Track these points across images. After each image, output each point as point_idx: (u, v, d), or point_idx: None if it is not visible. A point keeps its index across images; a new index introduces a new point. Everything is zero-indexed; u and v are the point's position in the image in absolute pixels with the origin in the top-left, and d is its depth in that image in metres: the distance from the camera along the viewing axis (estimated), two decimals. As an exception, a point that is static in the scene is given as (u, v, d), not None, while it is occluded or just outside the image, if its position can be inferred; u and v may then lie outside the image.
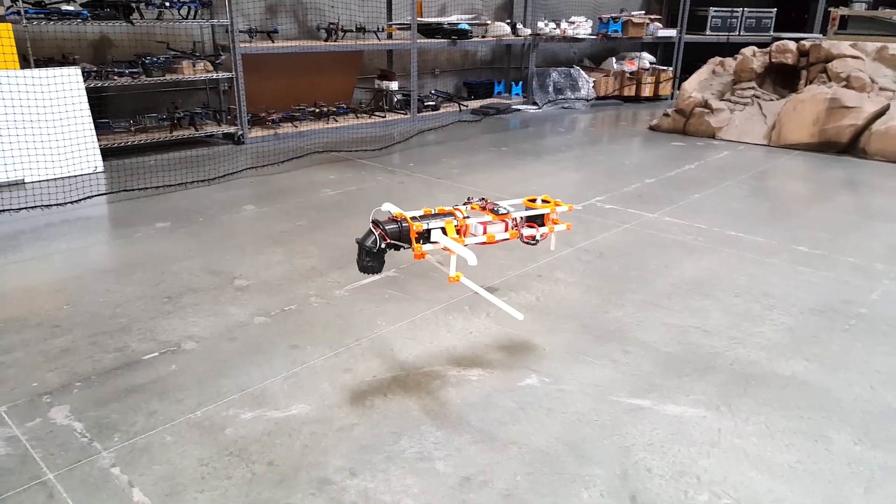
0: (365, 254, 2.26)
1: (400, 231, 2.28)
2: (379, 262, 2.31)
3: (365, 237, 2.27)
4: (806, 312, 3.00)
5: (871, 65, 6.65)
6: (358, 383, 2.37)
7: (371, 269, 2.29)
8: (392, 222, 2.29)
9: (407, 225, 2.28)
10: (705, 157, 6.15)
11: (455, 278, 2.33)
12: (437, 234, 2.33)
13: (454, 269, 2.33)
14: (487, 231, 2.48)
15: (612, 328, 2.86)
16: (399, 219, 2.31)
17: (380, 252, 2.27)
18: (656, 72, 9.67)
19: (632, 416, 2.24)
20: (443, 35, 8.07)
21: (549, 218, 2.64)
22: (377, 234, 2.25)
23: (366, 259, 2.27)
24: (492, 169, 5.63)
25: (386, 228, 2.26)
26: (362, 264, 2.28)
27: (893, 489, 1.89)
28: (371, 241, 2.24)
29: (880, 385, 2.42)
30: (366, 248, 2.25)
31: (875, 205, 4.72)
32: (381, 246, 2.25)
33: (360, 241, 2.26)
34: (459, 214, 2.43)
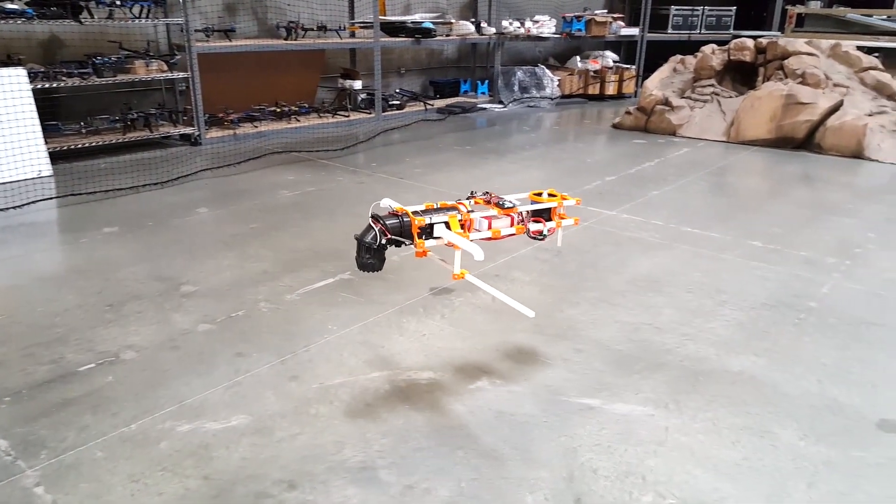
0: (364, 250, 2.14)
1: (401, 226, 2.15)
2: (379, 260, 2.18)
3: (364, 233, 2.14)
4: (757, 307, 3.03)
5: (826, 62, 6.77)
6: (304, 391, 2.31)
7: (371, 266, 2.17)
8: (393, 217, 2.17)
9: (408, 220, 2.16)
10: (665, 154, 6.20)
11: (460, 275, 2.24)
12: (440, 229, 2.21)
13: (458, 266, 2.23)
14: (492, 226, 2.36)
15: (565, 327, 2.84)
16: (400, 213, 2.19)
17: (380, 248, 2.14)
18: (620, 70, 9.74)
19: (581, 416, 2.22)
20: (406, 34, 8.02)
21: (556, 212, 2.52)
22: (377, 230, 2.12)
23: (365, 256, 2.15)
24: (455, 168, 5.59)
25: (386, 223, 2.13)
26: (361, 262, 2.16)
27: (835, 484, 1.90)
28: (371, 237, 2.12)
29: (827, 379, 2.44)
30: (365, 245, 2.13)
31: (828, 199, 4.80)
32: (381, 242, 2.13)
33: (359, 238, 2.14)
34: (463, 209, 2.31)
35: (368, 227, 2.14)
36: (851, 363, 2.55)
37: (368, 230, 2.13)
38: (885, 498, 1.84)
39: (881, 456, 2.01)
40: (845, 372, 2.49)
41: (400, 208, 2.21)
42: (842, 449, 2.05)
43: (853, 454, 2.03)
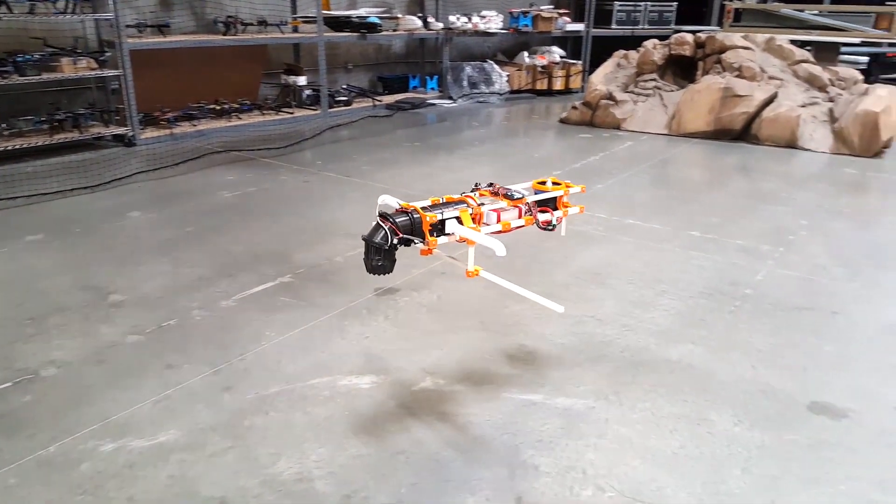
0: (374, 252, 2.00)
1: (412, 223, 2.03)
2: (390, 261, 2.05)
3: (373, 233, 2.00)
4: (695, 296, 3.08)
5: (761, 55, 6.97)
6: (238, 402, 2.23)
7: (382, 268, 2.03)
8: (402, 214, 2.04)
9: (419, 216, 2.03)
10: (610, 147, 6.29)
11: (475, 272, 2.13)
12: (451, 225, 2.07)
13: (472, 263, 2.13)
14: (502, 219, 2.25)
15: (510, 323, 2.84)
16: (409, 210, 2.05)
17: (391, 249, 2.01)
18: (566, 65, 9.83)
19: (523, 412, 2.21)
20: (352, 29, 7.90)
21: (562, 201, 2.43)
22: (387, 229, 1.98)
23: (375, 258, 2.01)
24: (403, 165, 5.54)
25: (396, 221, 2.00)
26: (372, 264, 2.03)
27: (768, 468, 1.94)
28: (381, 237, 1.98)
29: (760, 364, 2.50)
30: (375, 246, 1.99)
31: (764, 188, 4.94)
32: (392, 242, 1.99)
33: (368, 238, 2.01)
34: (472, 202, 2.20)
35: (377, 227, 2.00)
36: (784, 348, 2.61)
37: (377, 230, 2.00)
38: (814, 480, 1.89)
39: (811, 438, 2.07)
40: (778, 357, 2.55)
41: (406, 204, 2.09)
42: (774, 433, 2.10)
43: (785, 437, 2.07)
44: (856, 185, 5.09)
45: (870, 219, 4.26)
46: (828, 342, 2.65)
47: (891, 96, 5.98)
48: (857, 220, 4.21)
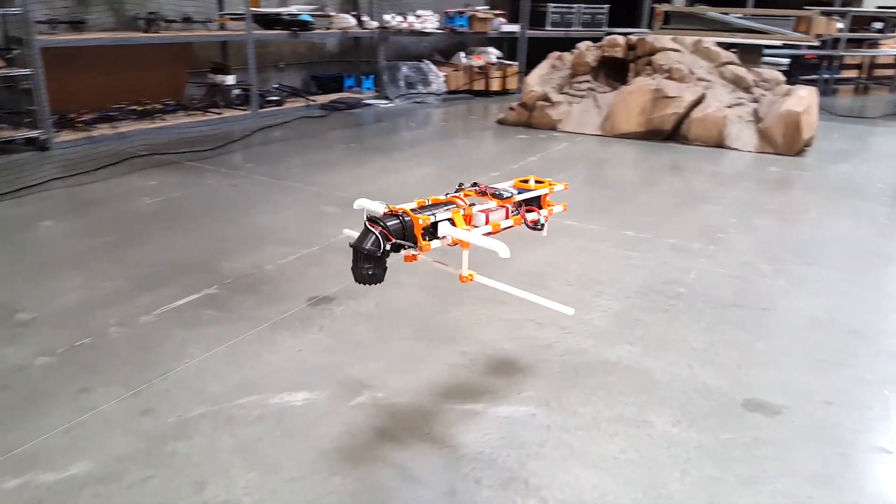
0: (364, 259, 1.86)
1: (403, 227, 1.89)
2: (382, 269, 1.91)
3: (362, 239, 1.86)
4: (631, 296, 3.11)
5: (689, 57, 7.18)
6: (158, 427, 2.08)
7: (373, 278, 1.90)
8: (392, 217, 1.89)
9: (409, 219, 1.90)
10: (547, 148, 6.33)
11: (469, 277, 2.02)
12: (444, 227, 1.94)
13: (467, 267, 2.01)
14: (490, 220, 2.12)
15: (450, 329, 2.78)
16: (399, 212, 1.91)
17: (383, 255, 1.87)
18: (503, 66, 9.88)
19: (464, 423, 2.15)
20: (283, 26, 7.69)
21: (546, 200, 2.34)
22: (377, 234, 1.84)
23: (365, 266, 1.88)
24: (338, 167, 5.41)
25: (388, 225, 1.86)
26: (361, 273, 1.90)
27: (707, 469, 1.95)
28: (372, 243, 1.84)
29: (696, 363, 2.53)
30: (365, 252, 1.84)
31: (694, 187, 5.07)
32: (385, 248, 1.86)
33: (357, 245, 1.86)
34: (461, 203, 2.07)
35: (366, 232, 1.86)
36: (718, 346, 2.66)
37: (367, 235, 1.86)
38: (752, 479, 1.91)
39: (747, 436, 2.09)
40: (713, 355, 2.59)
41: (393, 207, 1.94)
42: (712, 433, 2.11)
43: (722, 437, 2.09)
44: (780, 182, 5.29)
45: (793, 216, 4.42)
46: (759, 339, 2.71)
47: (811, 97, 6.26)
48: (781, 217, 4.37)
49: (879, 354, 2.61)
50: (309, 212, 4.24)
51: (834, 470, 1.94)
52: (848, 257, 3.65)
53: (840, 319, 2.88)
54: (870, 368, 2.49)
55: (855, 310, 2.99)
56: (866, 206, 4.61)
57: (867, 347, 2.66)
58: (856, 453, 2.01)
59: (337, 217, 4.14)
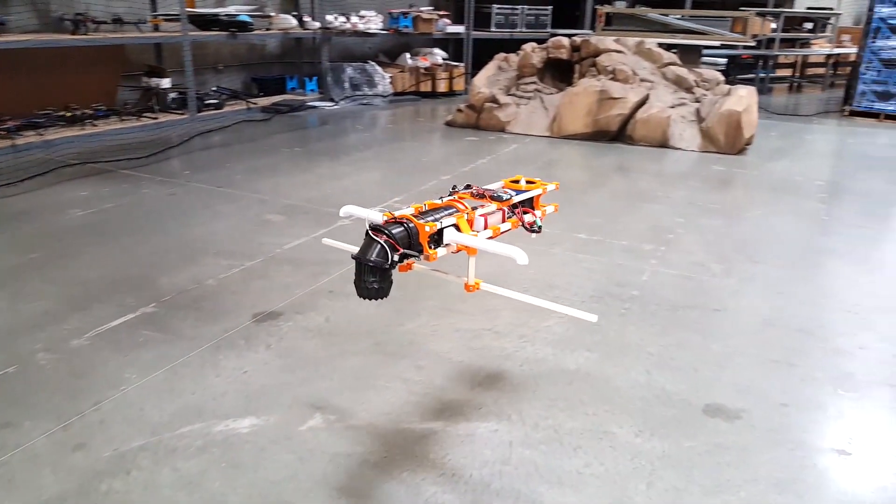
0: (368, 272, 1.71)
1: (409, 235, 1.74)
2: (388, 282, 1.75)
3: (366, 250, 1.71)
4: (587, 300, 3.08)
5: (633, 58, 7.28)
6: (91, 463, 1.92)
7: (379, 292, 1.75)
8: (396, 224, 1.74)
9: (414, 226, 1.75)
10: (496, 150, 6.30)
11: (475, 286, 1.90)
12: (450, 234, 1.81)
13: (473, 275, 1.89)
14: (489, 223, 1.99)
15: (406, 342, 2.68)
16: (402, 219, 1.76)
17: (391, 267, 1.72)
18: (449, 67, 9.83)
19: (423, 444, 2.06)
20: (220, 27, 7.42)
21: (539, 200, 2.22)
22: (382, 243, 1.70)
23: (370, 280, 1.72)
24: (283, 172, 5.23)
25: (393, 233, 1.71)
26: (366, 287, 1.73)
27: (671, 480, 1.92)
28: (378, 254, 1.69)
29: (654, 368, 2.51)
30: (370, 265, 1.69)
31: (641, 188, 5.12)
32: (392, 259, 1.71)
33: (361, 257, 1.71)
34: (461, 207, 1.92)
35: (370, 242, 1.71)
36: (673, 349, 2.65)
37: (371, 245, 1.70)
38: (716, 487, 1.89)
39: (708, 443, 2.08)
40: (669, 359, 2.58)
41: (389, 214, 1.78)
42: (674, 441, 2.09)
43: (685, 445, 2.07)
44: (724, 181, 5.40)
45: (738, 214, 4.51)
46: (713, 340, 2.72)
47: (750, 96, 6.44)
48: (727, 215, 4.45)
49: (827, 352, 2.65)
50: (252, 221, 4.07)
51: (795, 475, 1.94)
52: (792, 255, 3.73)
53: (788, 318, 2.93)
54: (820, 367, 2.53)
55: (801, 307, 3.04)
56: (807, 204, 4.75)
57: (815, 345, 2.70)
58: (815, 456, 2.02)
59: (282, 225, 3.98)
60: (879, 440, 2.12)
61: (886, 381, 2.45)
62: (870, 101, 8.74)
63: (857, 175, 5.70)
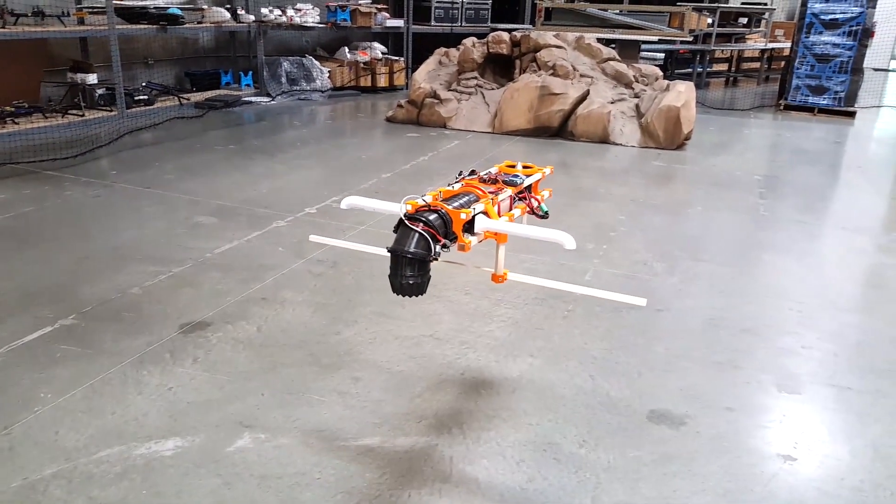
0: (406, 265, 1.57)
1: (445, 223, 1.62)
2: (427, 277, 1.63)
3: (404, 240, 1.57)
4: (530, 303, 3.02)
5: (572, 53, 7.30)
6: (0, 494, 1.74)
7: (417, 288, 1.62)
8: (431, 212, 1.61)
9: (448, 213, 1.62)
10: (438, 147, 6.20)
11: (503, 276, 1.81)
12: (482, 221, 1.68)
13: (503, 264, 1.80)
14: (502, 209, 1.89)
15: (342, 352, 2.56)
16: (435, 207, 1.63)
17: (433, 259, 1.59)
18: (389, 62, 9.66)
19: (358, 463, 1.95)
20: (149, 21, 7.06)
21: (538, 186, 2.14)
22: (421, 232, 1.56)
23: (409, 274, 1.58)
24: (216, 171, 5.00)
25: (430, 221, 1.58)
26: (403, 283, 1.60)
27: (617, 494, 1.86)
28: (418, 244, 1.56)
29: (598, 373, 2.46)
30: (408, 257, 1.56)
31: (583, 185, 5.11)
32: (435, 249, 1.58)
33: (400, 249, 1.57)
34: (484, 192, 1.82)
35: (407, 232, 1.57)
36: (617, 353, 2.61)
37: (409, 236, 1.56)
38: (663, 500, 1.84)
39: (654, 452, 2.03)
40: (612, 363, 2.53)
41: (414, 203, 1.64)
42: (619, 451, 2.04)
43: (630, 455, 2.02)
44: (664, 177, 5.45)
45: (680, 210, 4.55)
46: (657, 342, 2.70)
47: (689, 91, 6.54)
48: (668, 212, 4.48)
49: (769, 352, 2.66)
50: (182, 223, 3.85)
51: (743, 484, 1.91)
52: (734, 252, 3.77)
53: (732, 318, 2.94)
54: (763, 368, 2.53)
55: (745, 306, 3.06)
56: (746, 199, 4.83)
57: (760, 345, 2.71)
58: (762, 463, 2.00)
59: (214, 228, 3.78)
60: (824, 443, 2.12)
61: (829, 382, 2.47)
62: (804, 96, 9.05)
63: (794, 169, 5.86)
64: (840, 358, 2.63)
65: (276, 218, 3.99)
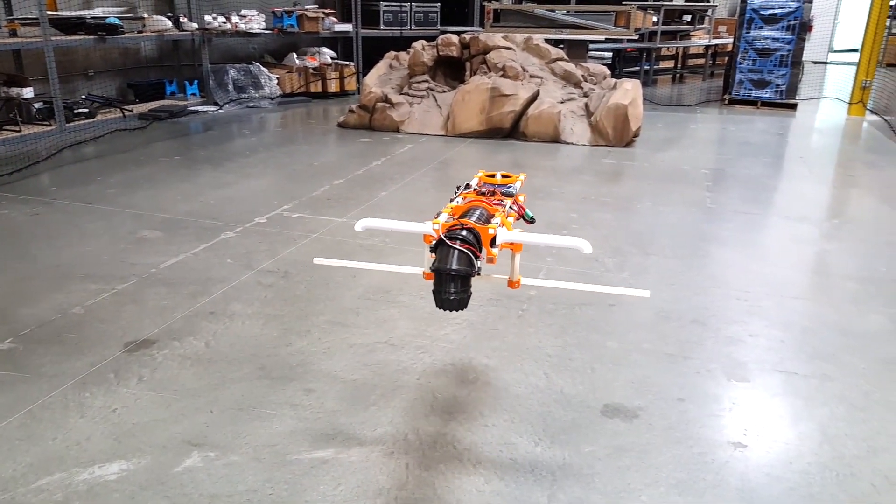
0: (449, 282, 1.66)
1: (477, 239, 1.70)
2: (469, 292, 1.71)
3: (448, 259, 1.65)
4: (485, 303, 3.01)
5: (521, 54, 7.36)
6: None
7: (460, 303, 1.70)
8: (464, 230, 1.69)
9: (475, 230, 1.70)
10: (391, 152, 6.17)
11: (517, 282, 1.90)
12: (503, 234, 1.76)
13: (518, 271, 1.88)
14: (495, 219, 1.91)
15: (294, 363, 2.50)
16: (465, 225, 1.71)
17: (475, 274, 1.68)
18: (340, 67, 9.58)
19: (313, 476, 1.90)
20: (87, 31, 6.83)
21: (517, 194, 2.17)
22: (461, 250, 1.64)
23: (451, 290, 1.67)
24: (161, 184, 4.85)
25: (469, 238, 1.67)
26: (449, 299, 1.68)
27: (572, 490, 1.86)
28: (460, 261, 1.64)
29: (552, 370, 2.47)
30: (453, 274, 1.64)
31: (536, 184, 5.14)
32: (477, 265, 1.68)
33: (445, 267, 1.64)
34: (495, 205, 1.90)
35: (449, 251, 1.65)
36: (571, 349, 2.62)
37: (450, 254, 1.65)
38: (617, 494, 1.85)
39: (608, 447, 2.04)
40: (567, 360, 2.55)
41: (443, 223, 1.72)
42: (574, 447, 2.04)
43: (584, 450, 2.03)
44: (615, 174, 5.53)
45: (629, 206, 4.61)
46: (609, 337, 2.72)
47: (635, 89, 6.65)
48: (619, 208, 4.54)
49: (718, 342, 2.71)
50: (125, 239, 3.73)
51: (695, 474, 1.93)
52: (682, 245, 3.84)
53: (682, 309, 2.98)
54: (713, 358, 2.58)
55: (694, 298, 3.11)
56: (693, 192, 4.93)
57: (709, 336, 2.76)
58: (713, 451, 2.03)
59: (158, 242, 3.67)
60: (772, 429, 2.16)
61: (776, 368, 2.52)
62: (747, 90, 9.31)
63: (738, 162, 6.02)
64: (786, 344, 2.70)
65: (224, 229, 3.89)
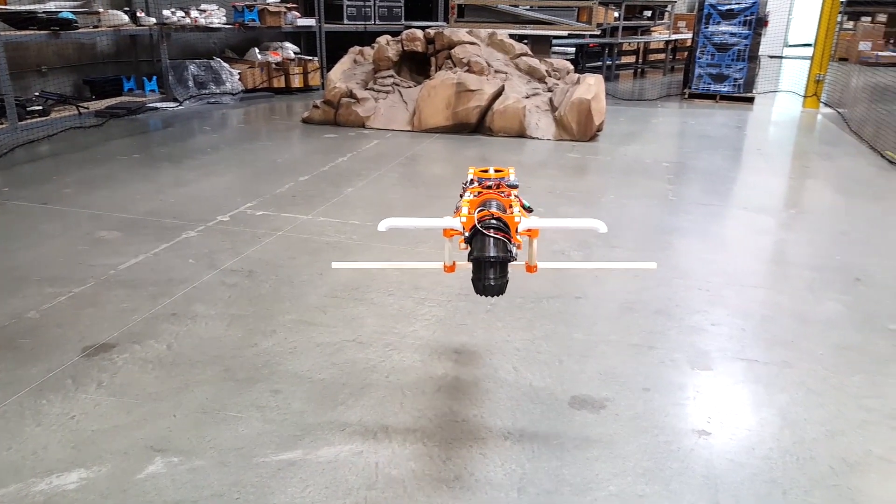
0: (489, 268, 1.74)
1: (507, 228, 1.77)
2: (506, 278, 1.80)
3: (485, 247, 1.72)
4: (453, 299, 3.01)
5: (486, 50, 7.36)
6: None
7: (500, 289, 1.79)
8: (495, 219, 1.77)
9: (503, 219, 1.77)
10: (357, 147, 6.11)
11: (535, 267, 1.96)
12: (525, 221, 1.84)
13: (536, 257, 1.94)
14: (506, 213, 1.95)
15: (259, 364, 2.46)
16: (493, 215, 1.77)
17: (510, 260, 1.76)
18: (303, 62, 9.46)
19: (280, 478, 1.88)
20: (39, 26, 6.60)
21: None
22: (497, 238, 1.73)
23: (490, 276, 1.75)
24: (119, 183, 4.72)
25: (503, 227, 1.75)
26: (493, 283, 1.76)
27: (542, 483, 1.87)
28: (497, 248, 1.71)
29: (521, 364, 2.48)
30: (491, 260, 1.72)
31: (504, 178, 5.16)
32: (511, 251, 1.76)
33: (484, 256, 1.72)
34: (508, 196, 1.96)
35: (484, 239, 1.73)
36: (539, 342, 2.64)
37: (485, 242, 1.73)
38: (585, 485, 1.87)
39: (576, 438, 2.06)
40: (535, 353, 2.56)
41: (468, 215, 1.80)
42: (542, 440, 2.05)
43: (553, 442, 2.04)
44: (579, 168, 5.58)
45: (594, 200, 4.66)
46: (576, 329, 2.74)
47: (598, 84, 6.71)
48: (584, 202, 4.58)
49: (683, 331, 2.75)
50: (82, 240, 3.62)
51: (661, 462, 1.96)
52: (645, 237, 3.89)
53: (646, 300, 3.02)
54: (676, 347, 2.62)
55: (657, 289, 3.15)
56: (656, 185, 5.00)
57: (672, 326, 2.80)
58: (678, 440, 2.06)
59: (117, 243, 3.57)
60: (735, 416, 2.20)
61: (738, 356, 2.57)
62: (706, 84, 9.49)
63: (699, 154, 6.12)
64: (747, 332, 2.75)
65: (185, 228, 3.81)
